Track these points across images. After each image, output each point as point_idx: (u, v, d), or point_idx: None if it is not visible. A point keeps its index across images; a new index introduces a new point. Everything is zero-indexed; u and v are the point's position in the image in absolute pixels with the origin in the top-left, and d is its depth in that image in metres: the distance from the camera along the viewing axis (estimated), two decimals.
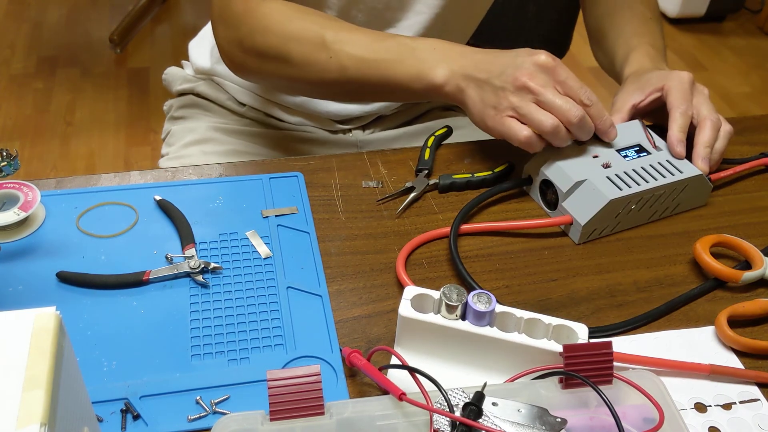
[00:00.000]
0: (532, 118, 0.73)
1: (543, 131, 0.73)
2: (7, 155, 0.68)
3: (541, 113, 0.73)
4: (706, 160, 0.78)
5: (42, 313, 0.39)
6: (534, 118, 0.73)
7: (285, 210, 0.76)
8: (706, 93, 0.83)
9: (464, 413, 0.51)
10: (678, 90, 0.81)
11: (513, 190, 0.81)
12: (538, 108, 0.73)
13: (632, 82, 0.86)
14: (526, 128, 0.74)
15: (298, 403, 0.50)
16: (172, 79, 1.13)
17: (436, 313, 0.59)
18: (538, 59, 0.74)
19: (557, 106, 0.73)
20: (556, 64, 0.74)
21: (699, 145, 0.79)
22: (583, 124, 0.74)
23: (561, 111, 0.73)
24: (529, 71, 0.73)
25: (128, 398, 0.57)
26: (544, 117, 0.73)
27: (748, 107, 2.55)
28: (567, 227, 0.76)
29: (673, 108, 0.80)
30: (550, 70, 0.74)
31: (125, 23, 2.70)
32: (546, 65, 0.74)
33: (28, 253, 0.70)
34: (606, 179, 0.75)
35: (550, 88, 0.73)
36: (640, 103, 0.83)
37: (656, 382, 0.54)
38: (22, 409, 0.35)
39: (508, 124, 0.74)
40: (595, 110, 0.75)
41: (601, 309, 0.68)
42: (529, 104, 0.73)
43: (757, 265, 0.71)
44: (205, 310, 0.65)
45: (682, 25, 2.96)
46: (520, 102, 0.73)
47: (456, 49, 0.78)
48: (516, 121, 0.74)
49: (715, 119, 0.80)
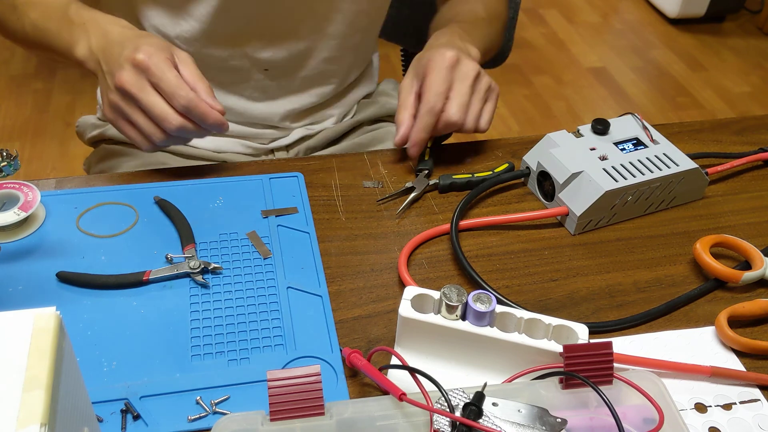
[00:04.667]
0: (132, 121, 0.72)
1: (146, 137, 0.72)
2: (7, 155, 0.68)
3: (140, 119, 0.71)
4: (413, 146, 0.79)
5: (42, 314, 0.39)
6: (134, 122, 0.71)
7: (285, 210, 0.76)
8: (471, 76, 0.78)
9: (464, 413, 0.51)
10: (432, 79, 0.78)
11: (512, 181, 0.81)
12: (137, 112, 0.71)
13: (414, 65, 0.83)
14: (132, 129, 0.73)
15: (298, 404, 0.50)
16: (83, 129, 1.07)
17: (436, 314, 0.59)
18: (135, 57, 0.69)
19: (152, 115, 0.70)
20: (152, 62, 0.69)
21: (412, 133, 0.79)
22: (182, 132, 0.71)
23: (156, 120, 0.70)
24: (128, 71, 0.70)
25: (128, 398, 0.57)
26: (142, 123, 0.71)
27: (748, 107, 2.55)
28: (563, 218, 0.77)
29: (422, 104, 0.78)
30: (146, 70, 0.69)
31: None
32: (141, 64, 0.69)
33: (28, 253, 0.70)
34: (602, 171, 0.75)
35: (146, 92, 0.70)
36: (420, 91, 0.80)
37: (656, 383, 0.54)
38: (22, 409, 0.35)
39: (118, 125, 0.74)
40: (195, 116, 0.71)
41: (601, 309, 0.68)
42: (131, 107, 0.71)
43: (757, 265, 0.71)
44: (205, 310, 0.65)
45: (682, 25, 2.96)
46: (122, 104, 0.71)
47: (103, 27, 0.75)
48: (123, 122, 0.73)
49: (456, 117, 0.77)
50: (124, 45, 0.72)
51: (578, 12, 3.05)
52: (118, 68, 0.70)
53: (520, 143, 0.88)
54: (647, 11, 3.07)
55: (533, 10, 3.02)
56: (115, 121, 0.74)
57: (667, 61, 2.77)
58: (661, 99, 2.57)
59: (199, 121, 0.72)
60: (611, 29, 2.97)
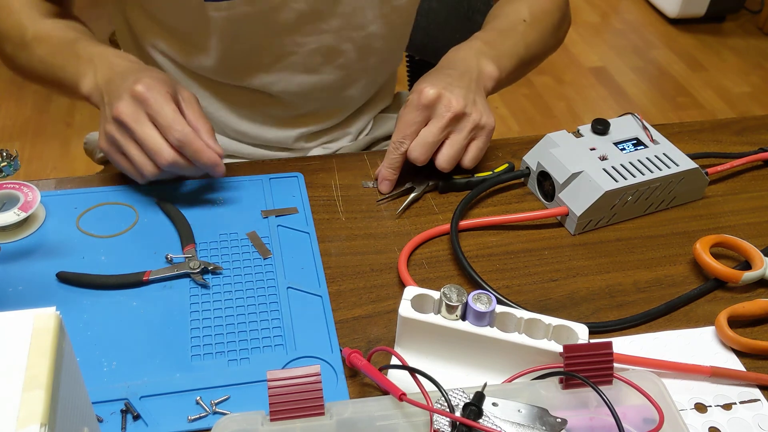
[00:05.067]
0: (125, 152, 0.71)
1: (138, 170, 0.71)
2: (7, 156, 0.68)
3: (133, 151, 0.70)
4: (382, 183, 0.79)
5: (42, 314, 0.39)
6: (127, 154, 0.71)
7: (285, 210, 0.76)
8: (446, 116, 0.75)
9: (464, 413, 0.51)
10: (404, 115, 0.77)
11: (512, 182, 0.81)
12: (131, 144, 0.70)
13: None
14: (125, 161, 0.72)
15: (298, 404, 0.50)
16: (92, 147, 1.04)
17: (436, 314, 0.59)
18: (134, 89, 0.69)
19: (146, 148, 0.69)
20: (150, 95, 0.69)
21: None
22: (175, 167, 0.70)
23: (149, 153, 0.70)
24: (126, 102, 0.69)
25: (128, 398, 0.57)
26: (135, 155, 0.70)
27: (748, 107, 2.55)
28: (563, 218, 0.77)
29: (391, 141, 0.78)
30: (143, 102, 0.69)
31: None
32: (139, 96, 0.69)
33: (28, 253, 0.70)
34: (602, 171, 0.75)
35: (141, 124, 0.69)
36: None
37: (656, 383, 0.54)
38: (22, 409, 0.35)
39: (112, 157, 0.73)
40: (189, 153, 0.70)
41: (601, 309, 0.68)
42: (126, 140, 0.70)
43: (757, 265, 0.71)
44: (205, 310, 0.65)
45: (682, 25, 2.96)
46: (117, 134, 0.70)
47: (109, 62, 0.75)
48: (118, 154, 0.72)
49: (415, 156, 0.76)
50: (126, 77, 0.71)
51: (578, 12, 3.05)
52: (117, 99, 0.70)
53: (520, 143, 0.88)
54: (647, 11, 3.07)
55: None
56: (109, 153, 0.72)
57: (667, 61, 2.77)
58: (661, 99, 2.57)
59: (193, 159, 0.70)
60: (611, 29, 2.97)
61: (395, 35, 0.96)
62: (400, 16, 0.93)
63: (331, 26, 0.87)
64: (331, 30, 0.87)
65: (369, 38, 0.90)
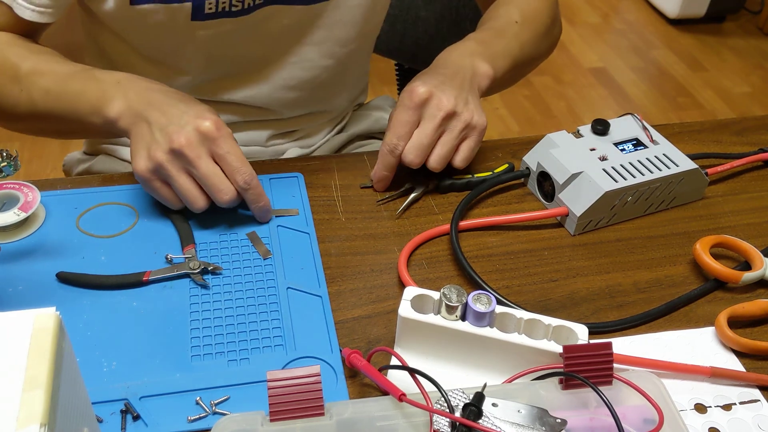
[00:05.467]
0: (174, 184, 0.70)
1: (184, 201, 0.71)
2: (7, 155, 0.68)
3: (186, 185, 0.69)
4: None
5: (42, 314, 0.39)
6: (176, 186, 0.70)
7: (285, 211, 0.76)
8: (438, 116, 0.75)
9: (464, 414, 0.51)
10: (396, 115, 0.76)
11: (512, 182, 0.81)
12: (183, 177, 0.69)
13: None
14: (167, 190, 0.71)
15: (298, 404, 0.50)
16: (69, 167, 1.03)
17: (436, 314, 0.59)
18: (202, 125, 0.68)
19: (208, 184, 0.69)
20: (220, 134, 0.69)
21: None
22: (232, 204, 0.71)
23: (210, 189, 0.69)
24: (188, 136, 0.68)
25: (128, 399, 0.57)
26: (187, 189, 0.70)
27: (748, 107, 2.55)
28: (563, 218, 0.77)
29: (383, 143, 0.77)
30: (212, 141, 0.68)
31: None
32: (208, 134, 0.68)
33: (28, 253, 0.70)
34: (602, 171, 0.75)
35: (205, 160, 0.68)
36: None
37: (656, 383, 0.54)
38: (22, 409, 0.35)
39: (151, 185, 0.71)
40: (250, 195, 0.71)
41: (601, 309, 0.68)
42: (178, 171, 0.69)
43: (756, 265, 0.71)
44: (205, 310, 0.65)
45: (682, 25, 2.96)
46: (170, 165, 0.69)
47: (141, 85, 0.74)
48: (159, 183, 0.70)
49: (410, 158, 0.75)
50: (180, 107, 0.70)
51: (578, 12, 3.05)
52: (180, 129, 0.68)
53: (520, 143, 0.88)
54: (647, 11, 3.07)
55: None
56: (149, 181, 0.70)
57: (667, 62, 2.77)
58: (662, 99, 2.57)
59: (252, 201, 0.72)
60: (611, 29, 2.97)
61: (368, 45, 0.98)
62: (375, 27, 0.95)
63: (313, 39, 0.88)
64: (313, 43, 0.89)
65: (350, 54, 0.92)
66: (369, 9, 0.89)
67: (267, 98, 0.92)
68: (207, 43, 0.84)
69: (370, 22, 0.92)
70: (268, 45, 0.87)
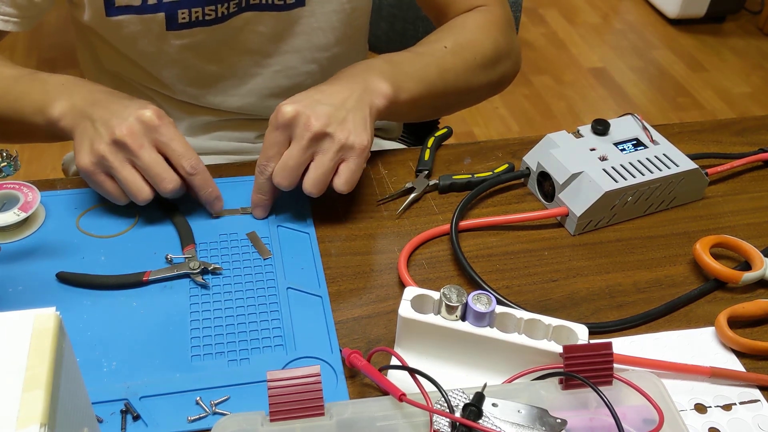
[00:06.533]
0: (117, 176, 0.69)
1: (127, 192, 0.70)
2: (7, 156, 0.68)
3: (130, 175, 0.68)
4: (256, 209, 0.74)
5: (42, 314, 0.39)
6: (119, 177, 0.69)
7: (232, 211, 0.75)
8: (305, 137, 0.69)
9: (464, 414, 0.51)
10: (266, 135, 0.72)
11: (512, 182, 0.81)
12: (127, 168, 0.68)
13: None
14: (111, 183, 0.70)
15: (298, 404, 0.50)
16: (69, 167, 1.04)
17: (436, 314, 0.59)
18: (143, 114, 0.68)
19: (151, 174, 0.68)
20: (162, 123, 0.68)
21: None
22: (177, 194, 0.70)
23: (153, 179, 0.68)
24: (130, 126, 0.67)
25: (128, 399, 0.57)
26: (131, 180, 0.68)
27: (748, 107, 2.55)
28: (563, 218, 0.77)
29: (258, 161, 0.73)
30: (154, 129, 0.68)
31: None
32: (150, 122, 0.68)
33: (28, 253, 0.70)
34: (602, 171, 0.75)
35: (147, 149, 0.68)
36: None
37: (656, 383, 0.54)
38: (22, 409, 0.35)
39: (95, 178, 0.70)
40: (198, 180, 0.70)
41: (601, 310, 0.68)
42: (121, 162, 0.68)
43: (756, 265, 0.71)
44: (205, 310, 0.65)
45: (682, 25, 2.96)
46: (112, 157, 0.68)
47: (86, 87, 0.74)
48: (103, 176, 0.69)
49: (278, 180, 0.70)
50: (123, 101, 0.70)
51: (578, 12, 3.05)
52: (121, 121, 0.68)
53: (520, 144, 0.88)
54: (647, 12, 3.07)
55: (533, 10, 3.02)
56: (92, 174, 0.69)
57: (667, 62, 2.77)
58: (662, 99, 2.57)
59: (199, 187, 0.71)
60: (611, 29, 2.97)
61: (355, 48, 0.97)
62: (359, 30, 0.94)
63: (292, 47, 0.88)
64: (293, 50, 0.89)
65: (333, 59, 0.91)
66: (347, 14, 0.88)
67: (253, 107, 0.92)
68: (183, 52, 0.84)
69: (351, 26, 0.90)
70: (247, 53, 0.88)
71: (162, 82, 0.88)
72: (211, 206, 0.73)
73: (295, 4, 0.85)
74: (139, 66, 0.87)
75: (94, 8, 0.80)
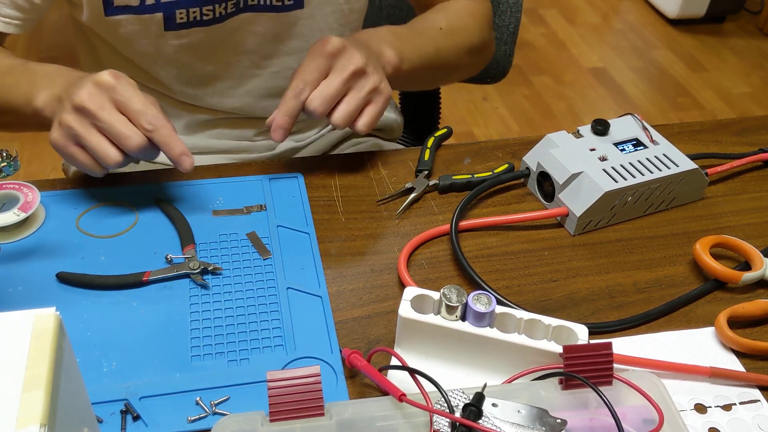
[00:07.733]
0: (85, 143, 0.68)
1: (97, 158, 0.68)
2: (7, 156, 0.68)
3: (95, 139, 0.67)
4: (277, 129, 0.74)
5: (42, 314, 0.39)
6: (87, 144, 0.67)
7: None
8: (349, 69, 0.72)
9: (464, 414, 0.51)
10: (306, 61, 0.73)
11: (511, 182, 0.81)
12: (93, 133, 0.67)
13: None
14: (82, 153, 0.69)
15: (298, 404, 0.50)
16: (69, 167, 1.04)
17: (436, 314, 0.59)
18: (99, 77, 0.68)
19: (113, 133, 0.67)
20: (119, 82, 0.68)
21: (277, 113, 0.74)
22: (144, 152, 0.68)
23: (117, 138, 0.67)
24: (88, 90, 0.67)
25: (128, 399, 0.57)
26: (97, 144, 0.67)
27: (748, 107, 2.55)
28: (563, 219, 0.77)
29: (288, 88, 0.73)
30: (111, 89, 0.67)
31: None
32: (106, 83, 0.67)
33: (28, 253, 0.70)
34: (602, 171, 0.75)
35: (108, 109, 0.67)
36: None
37: (656, 383, 0.54)
38: (22, 409, 0.35)
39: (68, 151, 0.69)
40: (158, 136, 0.68)
41: (601, 310, 0.68)
42: (86, 129, 0.67)
43: (756, 266, 0.71)
44: (205, 311, 0.65)
45: (682, 25, 2.96)
46: (76, 124, 0.67)
47: (69, 75, 0.73)
48: (74, 147, 0.68)
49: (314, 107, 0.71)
50: (88, 77, 0.70)
51: (578, 12, 3.05)
52: (79, 89, 0.67)
53: (520, 144, 0.88)
54: (647, 12, 3.07)
55: (533, 10, 3.02)
56: (64, 147, 0.69)
57: (667, 62, 2.77)
58: (662, 99, 2.57)
59: (163, 144, 0.69)
60: (611, 30, 2.97)
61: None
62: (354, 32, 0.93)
63: (291, 48, 0.88)
64: (292, 52, 0.89)
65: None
66: (344, 15, 0.89)
67: (250, 107, 0.92)
68: (181, 52, 0.84)
69: (348, 27, 0.91)
70: (244, 54, 0.88)
71: (160, 81, 0.88)
72: (178, 164, 0.70)
73: (294, 6, 0.85)
74: (138, 66, 0.87)
75: (92, 8, 0.80)
